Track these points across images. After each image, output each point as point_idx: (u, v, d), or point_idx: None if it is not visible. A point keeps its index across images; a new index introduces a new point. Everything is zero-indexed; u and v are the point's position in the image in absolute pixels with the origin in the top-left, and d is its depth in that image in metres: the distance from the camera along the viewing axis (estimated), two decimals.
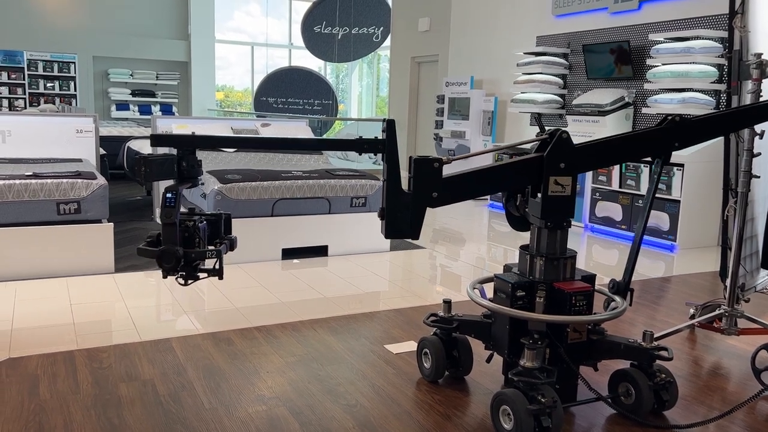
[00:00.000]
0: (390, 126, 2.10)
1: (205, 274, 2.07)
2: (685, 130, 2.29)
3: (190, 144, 2.09)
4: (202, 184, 2.09)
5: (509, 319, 2.30)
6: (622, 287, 2.35)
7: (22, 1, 12.75)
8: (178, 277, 2.07)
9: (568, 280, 2.32)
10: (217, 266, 2.09)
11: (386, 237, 2.13)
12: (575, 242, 5.51)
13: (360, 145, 2.14)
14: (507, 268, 2.48)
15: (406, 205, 2.11)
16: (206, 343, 2.86)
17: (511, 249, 5.21)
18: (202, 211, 2.22)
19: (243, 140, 2.24)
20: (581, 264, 4.76)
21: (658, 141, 2.29)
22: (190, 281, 2.06)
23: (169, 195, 2.01)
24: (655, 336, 2.68)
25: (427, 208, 2.16)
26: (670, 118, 2.27)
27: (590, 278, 2.39)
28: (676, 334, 3.08)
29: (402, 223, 2.12)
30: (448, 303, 2.54)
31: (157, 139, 2.09)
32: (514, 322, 2.30)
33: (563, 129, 2.24)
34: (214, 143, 2.26)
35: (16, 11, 12.69)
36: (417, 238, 2.15)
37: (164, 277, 2.05)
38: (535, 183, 2.25)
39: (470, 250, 5.09)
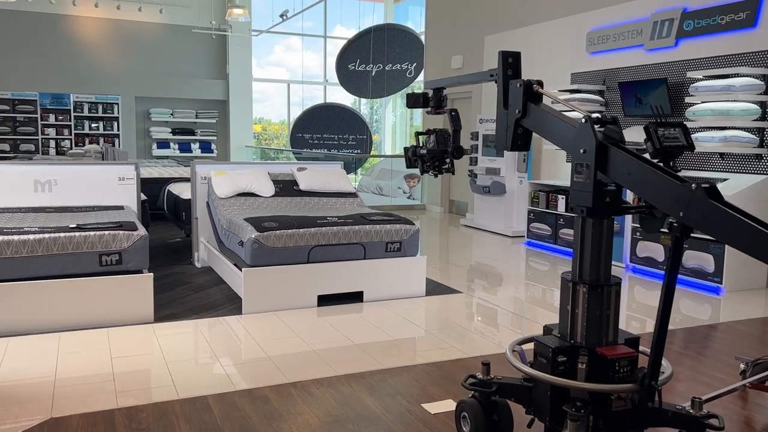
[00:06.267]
0: (505, 56, 2.51)
1: (443, 173, 2.95)
2: (698, 207, 1.85)
3: (437, 85, 2.97)
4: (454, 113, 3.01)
5: (550, 385, 2.24)
6: (641, 382, 2.12)
7: (69, 47, 13.31)
8: (431, 173, 2.96)
9: (611, 344, 2.26)
10: (449, 166, 2.95)
11: (496, 149, 2.66)
12: None
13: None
14: (547, 329, 2.43)
15: (505, 125, 2.53)
16: (242, 401, 2.86)
17: (549, 289, 5.11)
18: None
19: None
20: (623, 305, 4.64)
21: (669, 199, 1.96)
22: (438, 174, 2.95)
23: (453, 114, 2.90)
24: (704, 398, 2.57)
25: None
26: (698, 184, 1.89)
27: (634, 341, 2.31)
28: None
29: (502, 138, 2.53)
30: (486, 365, 2.49)
31: (428, 83, 3.03)
32: (556, 388, 2.24)
33: (595, 114, 2.20)
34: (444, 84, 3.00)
35: (64, 57, 13.24)
36: (509, 150, 2.53)
37: (422, 173, 2.97)
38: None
39: (507, 293, 5.01)
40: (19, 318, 3.74)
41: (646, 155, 2.18)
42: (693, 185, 1.90)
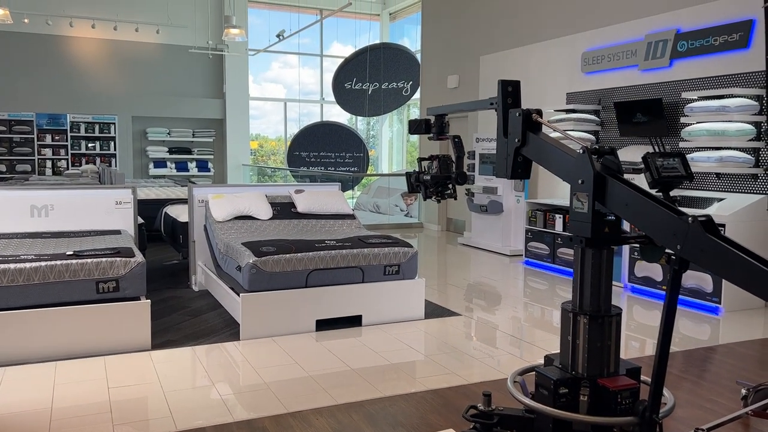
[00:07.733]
0: (504, 85, 2.54)
1: (446, 198, 2.96)
2: (694, 240, 1.86)
3: (439, 111, 2.98)
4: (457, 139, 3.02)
5: (552, 417, 2.23)
6: (642, 415, 2.10)
7: (65, 68, 13.34)
8: (434, 198, 2.98)
9: (613, 375, 2.25)
10: (452, 192, 2.97)
11: (495, 176, 2.77)
12: (614, 303, 5.36)
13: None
14: (548, 359, 2.42)
15: (505, 153, 2.55)
16: None
17: (548, 309, 5.10)
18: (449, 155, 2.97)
19: None
20: (621, 326, 4.62)
21: (666, 231, 1.96)
22: (441, 200, 2.99)
23: (456, 140, 2.93)
24: (706, 427, 2.56)
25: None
26: (694, 217, 1.89)
27: (635, 371, 2.31)
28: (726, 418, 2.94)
29: (502, 166, 2.56)
30: (488, 396, 2.47)
31: (430, 110, 3.02)
32: (558, 421, 2.23)
33: (594, 146, 2.22)
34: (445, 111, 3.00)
35: (60, 77, 13.27)
36: (509, 178, 2.54)
37: (425, 198, 2.99)
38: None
39: (507, 315, 5.00)
40: (16, 347, 3.71)
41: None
42: (690, 218, 1.90)
